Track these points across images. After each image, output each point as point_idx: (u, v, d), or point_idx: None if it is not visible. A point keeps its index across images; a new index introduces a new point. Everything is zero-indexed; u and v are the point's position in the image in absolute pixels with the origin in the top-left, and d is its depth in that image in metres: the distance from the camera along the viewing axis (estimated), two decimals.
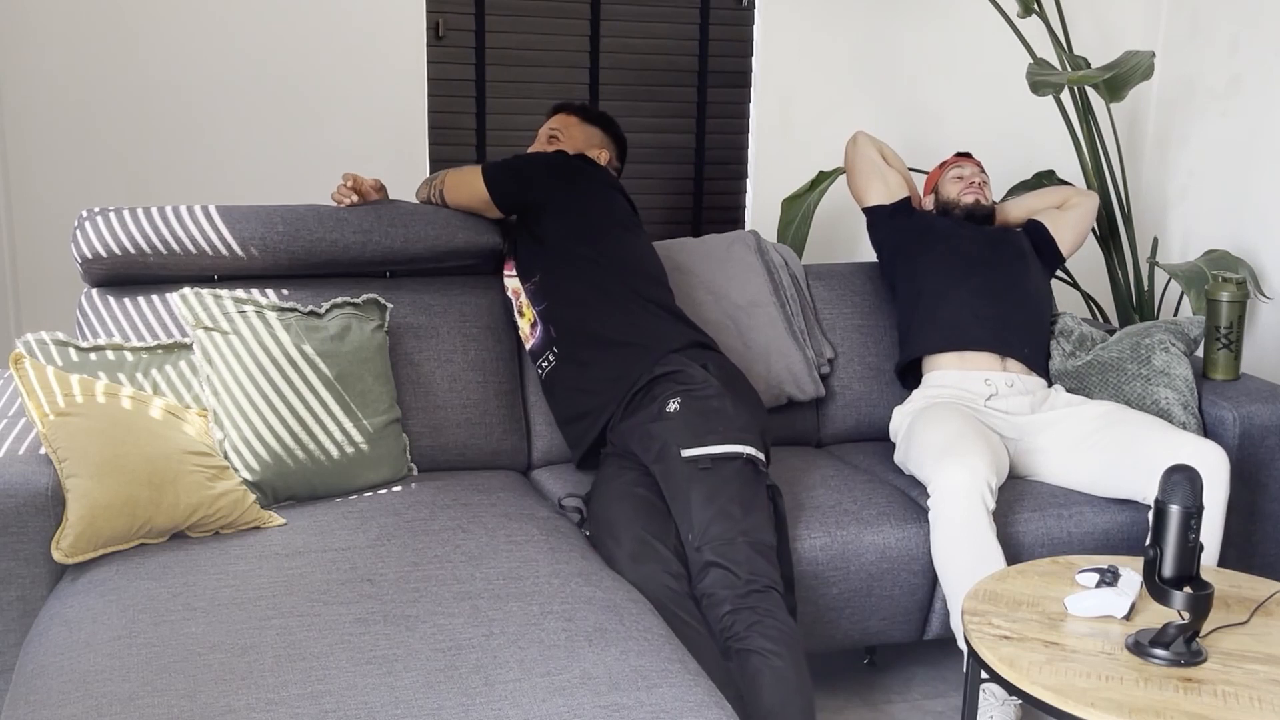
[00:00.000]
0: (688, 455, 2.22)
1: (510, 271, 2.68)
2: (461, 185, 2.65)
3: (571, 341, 2.50)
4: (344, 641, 1.71)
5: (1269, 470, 2.68)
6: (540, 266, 2.57)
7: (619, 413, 2.41)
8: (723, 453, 2.22)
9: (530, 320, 2.58)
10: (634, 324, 2.48)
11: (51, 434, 2.07)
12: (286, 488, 2.28)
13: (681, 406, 2.30)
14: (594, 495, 2.36)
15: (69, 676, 1.62)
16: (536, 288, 2.57)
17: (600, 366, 2.46)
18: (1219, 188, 3.74)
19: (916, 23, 3.77)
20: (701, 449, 2.22)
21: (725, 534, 2.13)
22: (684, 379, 2.36)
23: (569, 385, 2.51)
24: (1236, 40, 3.65)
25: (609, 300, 2.50)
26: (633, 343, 2.45)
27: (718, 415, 2.29)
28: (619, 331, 2.47)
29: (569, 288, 2.53)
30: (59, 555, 1.98)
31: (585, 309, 2.50)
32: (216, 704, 1.54)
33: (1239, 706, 1.69)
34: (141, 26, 3.16)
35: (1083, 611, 1.95)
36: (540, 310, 2.55)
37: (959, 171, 3.02)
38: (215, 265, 2.50)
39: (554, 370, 2.53)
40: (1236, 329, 2.78)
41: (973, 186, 2.98)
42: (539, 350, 2.57)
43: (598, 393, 2.45)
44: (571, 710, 1.56)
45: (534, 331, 2.58)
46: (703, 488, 2.18)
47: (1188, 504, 1.80)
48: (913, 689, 2.65)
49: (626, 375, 2.42)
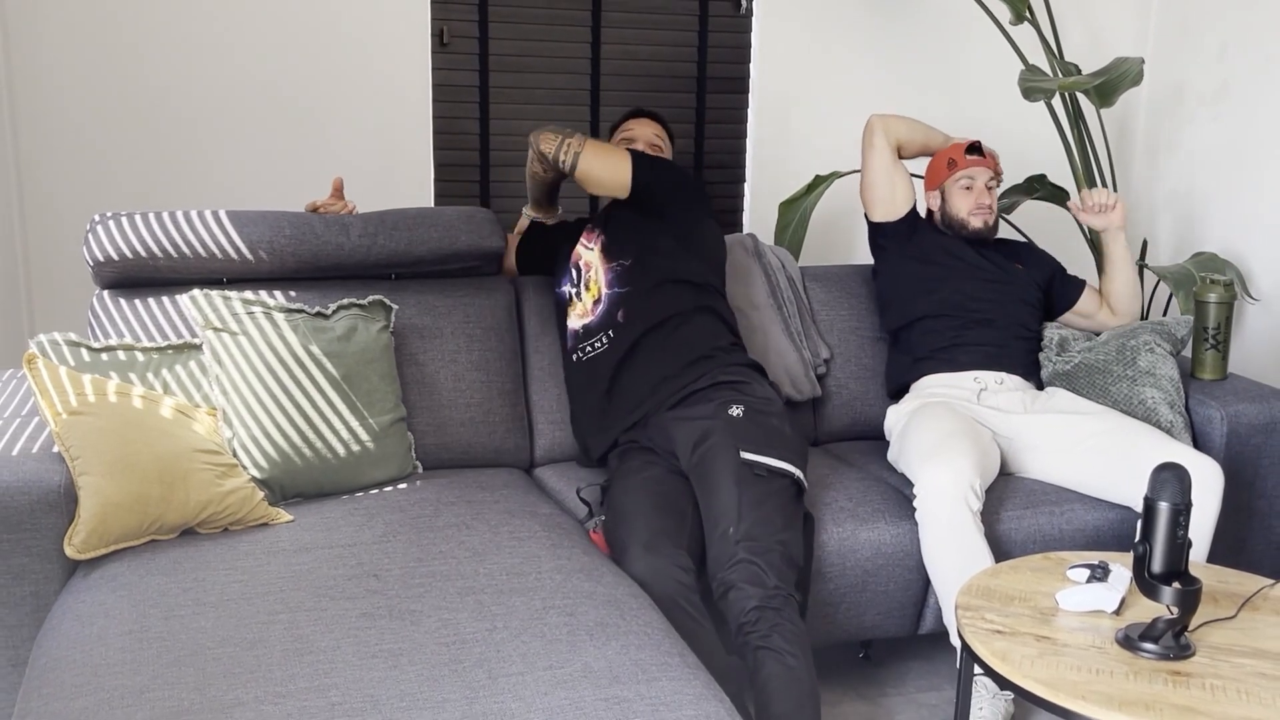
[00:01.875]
0: (747, 458, 2.25)
1: (589, 244, 2.64)
2: (605, 161, 2.56)
3: (639, 331, 2.49)
4: (350, 636, 1.71)
5: (1255, 468, 2.68)
6: (635, 255, 2.56)
7: (666, 405, 2.43)
8: (779, 468, 2.27)
9: (595, 296, 2.56)
10: (707, 337, 2.51)
11: (64, 432, 2.07)
12: (294, 485, 2.28)
13: (746, 414, 2.34)
14: (614, 483, 2.37)
15: (81, 669, 1.62)
16: (625, 272, 2.54)
17: (661, 364, 2.47)
18: (1207, 191, 3.74)
19: (911, 30, 3.77)
20: (762, 457, 2.26)
21: (765, 537, 2.15)
22: (749, 391, 2.42)
23: (616, 371, 2.49)
24: (1225, 47, 3.65)
25: (692, 311, 2.53)
26: (702, 351, 2.49)
27: (778, 434, 2.34)
28: (692, 338, 2.50)
29: (662, 289, 2.53)
30: (71, 551, 1.98)
31: (669, 313, 2.51)
32: (226, 696, 1.54)
33: (1226, 699, 1.69)
34: (153, 35, 3.16)
35: (1074, 606, 1.95)
36: (617, 292, 2.53)
37: (968, 180, 2.85)
38: (224, 268, 2.50)
39: (602, 354, 2.51)
40: (1224, 330, 2.78)
41: (982, 208, 2.83)
42: (594, 329, 2.54)
43: (650, 384, 2.46)
44: (573, 703, 1.56)
45: (594, 309, 2.55)
46: (754, 491, 2.21)
47: (1176, 501, 1.80)
48: (907, 682, 2.65)
49: (685, 376, 2.45)
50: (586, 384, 2.55)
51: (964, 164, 2.86)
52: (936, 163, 2.92)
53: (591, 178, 2.55)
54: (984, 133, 3.89)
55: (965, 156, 2.86)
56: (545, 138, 2.59)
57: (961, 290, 2.80)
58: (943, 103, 3.84)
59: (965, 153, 2.86)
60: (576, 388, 2.59)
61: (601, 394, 2.51)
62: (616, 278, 2.54)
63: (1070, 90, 3.14)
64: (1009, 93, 3.88)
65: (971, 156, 2.86)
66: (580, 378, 2.57)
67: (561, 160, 2.56)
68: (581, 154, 2.55)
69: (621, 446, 2.49)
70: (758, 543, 2.14)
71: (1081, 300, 2.93)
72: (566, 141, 2.56)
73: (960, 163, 2.86)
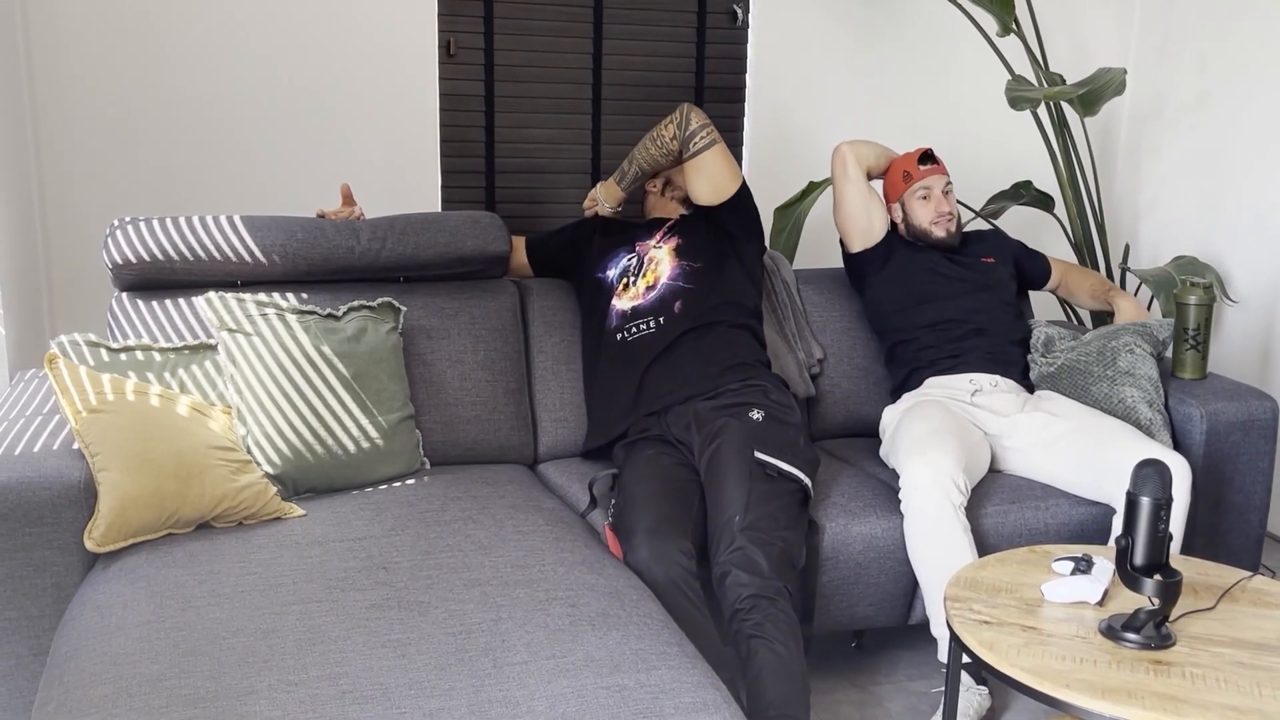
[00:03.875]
0: (760, 458, 2.28)
1: (659, 243, 2.69)
2: (729, 163, 2.66)
3: (687, 326, 2.55)
4: (361, 626, 1.71)
5: (1234, 464, 2.68)
6: (705, 261, 2.63)
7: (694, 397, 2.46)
8: (790, 472, 2.29)
9: (651, 283, 2.60)
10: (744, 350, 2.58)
11: (84, 430, 2.07)
12: (306, 481, 2.28)
13: (765, 419, 2.38)
14: (625, 470, 2.38)
15: (100, 659, 1.62)
16: (693, 272, 2.61)
17: (699, 360, 2.52)
18: (1187, 197, 3.75)
19: (901, 41, 3.77)
20: (775, 459, 2.29)
21: (767, 531, 2.17)
22: (772, 398, 2.46)
23: (657, 355, 2.53)
24: (1205, 58, 3.65)
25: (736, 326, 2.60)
26: (739, 359, 2.55)
27: (793, 442, 2.37)
28: (732, 345, 2.56)
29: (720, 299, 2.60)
30: (91, 544, 1.98)
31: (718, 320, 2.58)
32: (240, 685, 1.54)
33: (1206, 687, 1.69)
34: (172, 46, 3.16)
35: (1058, 598, 1.95)
36: (679, 287, 2.59)
37: (925, 190, 2.83)
38: (239, 271, 2.50)
39: (648, 336, 2.55)
40: (1204, 331, 2.78)
41: (943, 215, 2.82)
42: (643, 311, 2.58)
43: (684, 375, 2.50)
44: (576, 691, 1.56)
45: (647, 295, 2.59)
46: (764, 488, 2.24)
47: (1158, 496, 1.80)
48: (898, 671, 2.65)
49: (719, 376, 2.49)
50: (624, 364, 2.57)
51: (919, 175, 2.84)
52: (892, 176, 2.90)
53: (707, 168, 2.62)
54: (971, 140, 3.89)
55: (919, 167, 2.84)
56: (697, 114, 2.64)
57: (951, 305, 2.80)
58: (932, 112, 3.84)
59: (918, 163, 2.84)
60: (611, 366, 2.59)
61: (638, 375, 2.53)
62: (683, 274, 2.61)
63: (1055, 100, 3.14)
64: (996, 102, 3.89)
65: (925, 166, 2.84)
66: (619, 357, 2.58)
67: (700, 137, 2.61)
68: (716, 144, 2.62)
69: (631, 437, 2.49)
70: (760, 534, 2.15)
71: (1052, 280, 2.98)
72: (710, 129, 2.62)
73: (915, 174, 2.84)
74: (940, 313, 2.80)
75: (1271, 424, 2.68)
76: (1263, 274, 3.47)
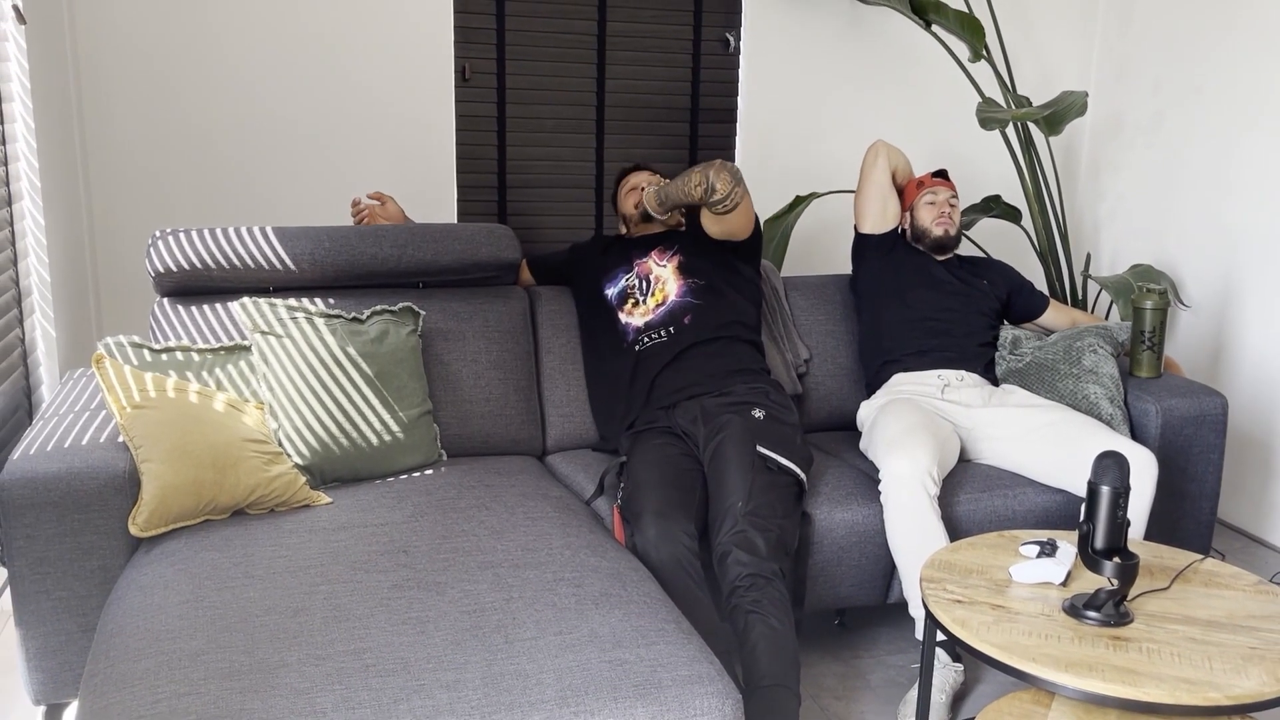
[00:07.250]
0: (762, 452, 2.29)
1: (661, 261, 2.68)
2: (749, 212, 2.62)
3: (696, 338, 2.56)
4: (383, 605, 1.71)
5: (1187, 455, 2.68)
6: (708, 279, 2.64)
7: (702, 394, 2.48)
8: (788, 467, 2.31)
9: (660, 301, 2.61)
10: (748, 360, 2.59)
11: (129, 424, 2.07)
12: (333, 471, 2.28)
13: (766, 417, 2.40)
14: (634, 456, 2.38)
15: (144, 635, 1.62)
16: (699, 289, 2.63)
17: (706, 365, 2.53)
18: (1144, 210, 3.74)
19: (880, 67, 3.77)
20: (775, 454, 2.30)
21: (767, 517, 2.18)
22: (774, 400, 2.47)
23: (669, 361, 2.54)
24: (1158, 81, 3.65)
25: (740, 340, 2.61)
26: (744, 366, 2.57)
27: (791, 440, 2.38)
28: (738, 355, 2.58)
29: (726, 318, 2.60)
30: (135, 530, 1.99)
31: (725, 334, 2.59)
32: (272, 659, 1.54)
33: (1161, 661, 1.69)
34: (209, 74, 3.16)
35: (1025, 579, 1.95)
36: (689, 301, 2.60)
37: (932, 197, 2.90)
38: (270, 278, 2.50)
39: (661, 344, 2.56)
40: (1159, 333, 2.78)
41: (944, 217, 2.87)
42: (655, 324, 2.59)
43: (693, 377, 2.51)
44: (581, 664, 1.56)
45: (657, 311, 2.61)
46: (765, 478, 2.25)
47: (1117, 485, 1.80)
48: (878, 646, 2.65)
49: (725, 379, 2.51)
50: (637, 370, 2.58)
51: (930, 184, 2.92)
52: (909, 187, 2.98)
53: (731, 215, 2.59)
54: (945, 157, 3.89)
55: (931, 178, 2.94)
56: (725, 178, 2.56)
57: (926, 300, 2.82)
58: (909, 131, 3.84)
59: (932, 175, 2.95)
60: (626, 372, 2.59)
61: (650, 378, 2.55)
62: (690, 290, 2.62)
63: (1022, 120, 3.14)
64: (967, 122, 3.89)
65: (937, 179, 2.94)
66: (633, 363, 2.59)
67: (729, 197, 2.54)
68: (741, 202, 2.58)
69: (639, 427, 2.49)
70: (760, 519, 2.16)
71: (1046, 316, 2.97)
72: (738, 189, 2.58)
73: (927, 183, 2.93)
74: (918, 306, 2.81)
75: (1221, 419, 2.68)
76: (1213, 280, 3.47)
